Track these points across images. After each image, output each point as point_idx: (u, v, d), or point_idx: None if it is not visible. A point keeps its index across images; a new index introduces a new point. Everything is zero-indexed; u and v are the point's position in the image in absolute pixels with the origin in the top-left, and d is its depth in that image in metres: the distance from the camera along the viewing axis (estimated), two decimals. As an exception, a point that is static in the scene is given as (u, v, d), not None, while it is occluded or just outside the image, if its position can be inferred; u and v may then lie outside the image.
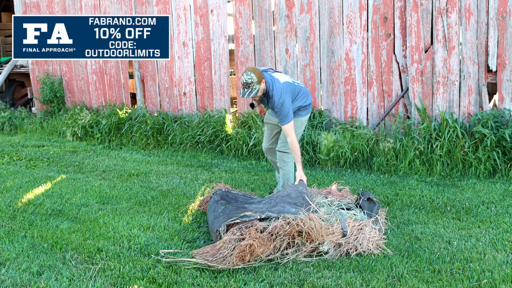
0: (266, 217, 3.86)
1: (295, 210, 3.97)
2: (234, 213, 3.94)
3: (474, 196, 4.93)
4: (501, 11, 5.77)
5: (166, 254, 3.75)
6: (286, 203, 4.18)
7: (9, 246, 3.98)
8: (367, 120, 6.69)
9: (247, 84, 4.50)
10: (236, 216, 3.86)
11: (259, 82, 4.50)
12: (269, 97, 4.65)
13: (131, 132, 7.85)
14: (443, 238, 3.97)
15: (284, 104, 4.57)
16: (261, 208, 4.05)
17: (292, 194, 4.35)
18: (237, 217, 3.85)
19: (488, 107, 6.02)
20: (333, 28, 6.69)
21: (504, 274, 3.33)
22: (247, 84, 4.50)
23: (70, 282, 3.40)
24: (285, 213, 3.90)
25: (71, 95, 9.26)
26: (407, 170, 5.82)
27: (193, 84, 7.87)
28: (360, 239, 3.76)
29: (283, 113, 4.58)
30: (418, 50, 6.21)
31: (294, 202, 4.20)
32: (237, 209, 4.05)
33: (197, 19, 7.63)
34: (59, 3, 8.98)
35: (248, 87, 4.51)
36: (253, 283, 3.33)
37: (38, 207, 4.91)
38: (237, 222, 3.81)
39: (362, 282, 3.31)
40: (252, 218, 3.83)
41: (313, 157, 6.37)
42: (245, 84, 4.51)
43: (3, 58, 11.69)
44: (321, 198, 4.41)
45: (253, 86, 4.49)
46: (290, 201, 4.23)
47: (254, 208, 4.07)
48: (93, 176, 6.07)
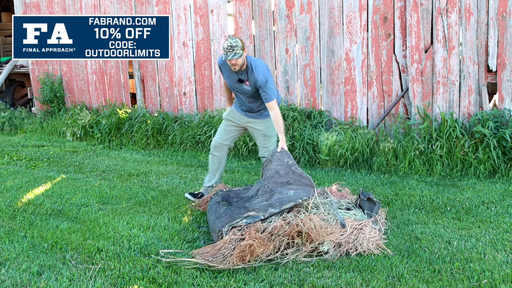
0: (269, 215, 3.87)
1: (293, 193, 3.97)
2: (237, 214, 3.94)
3: (474, 196, 4.93)
4: (501, 11, 5.77)
5: (166, 254, 3.75)
6: (279, 185, 4.17)
7: (9, 246, 3.98)
8: (367, 120, 6.69)
9: (231, 47, 4.33)
10: (240, 217, 3.86)
11: (243, 49, 4.39)
12: (250, 72, 4.51)
13: (131, 132, 7.85)
14: (443, 238, 3.97)
15: (269, 80, 4.47)
16: (261, 203, 4.04)
17: (281, 170, 4.33)
18: (241, 218, 3.85)
19: (488, 107, 6.02)
20: (333, 28, 6.69)
21: (504, 274, 3.33)
22: (231, 47, 4.33)
23: (70, 282, 3.40)
24: (286, 202, 3.90)
25: (71, 95, 9.26)
26: (407, 170, 5.82)
27: (193, 84, 7.87)
28: (360, 239, 3.76)
29: (268, 89, 4.46)
30: (418, 50, 6.21)
31: (286, 180, 4.19)
32: (239, 209, 4.05)
33: (197, 19, 7.63)
34: (59, 3, 8.98)
35: (232, 49, 4.33)
36: (253, 283, 3.33)
37: (38, 207, 4.91)
38: (241, 225, 3.82)
39: (362, 282, 3.31)
40: (256, 219, 3.83)
41: (313, 157, 6.37)
42: (229, 47, 4.33)
43: (3, 58, 11.69)
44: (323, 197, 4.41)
45: (237, 50, 4.35)
46: (282, 180, 4.22)
47: (255, 205, 4.06)
48: (93, 176, 6.07)
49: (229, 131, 4.93)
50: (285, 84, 7.11)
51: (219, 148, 4.94)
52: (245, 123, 4.87)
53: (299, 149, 6.43)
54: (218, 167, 4.98)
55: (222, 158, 4.97)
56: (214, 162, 4.98)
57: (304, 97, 7.01)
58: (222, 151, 4.95)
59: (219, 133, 4.96)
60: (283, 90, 7.13)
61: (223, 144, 4.93)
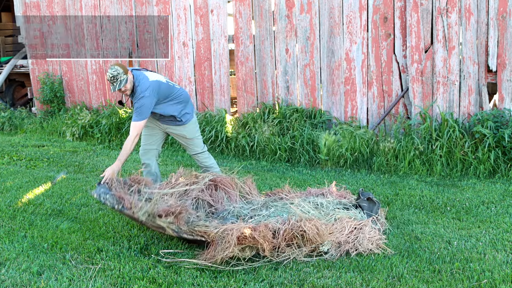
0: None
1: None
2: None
3: (474, 196, 4.93)
4: (501, 11, 5.77)
5: (166, 254, 3.75)
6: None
7: (9, 246, 3.98)
8: (367, 120, 6.69)
9: (114, 77, 4.29)
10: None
11: (126, 73, 4.33)
12: (134, 91, 4.44)
13: (131, 132, 7.84)
14: (443, 238, 3.97)
15: (144, 99, 4.33)
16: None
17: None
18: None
19: (488, 107, 6.02)
20: (333, 28, 6.69)
21: (504, 274, 3.33)
22: (113, 77, 4.29)
23: (70, 282, 3.40)
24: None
25: (71, 95, 9.26)
26: (407, 170, 5.82)
27: (193, 84, 7.87)
28: (360, 239, 3.76)
29: (139, 108, 4.33)
30: (418, 50, 6.21)
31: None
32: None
33: (197, 19, 7.63)
34: (59, 3, 8.98)
35: (116, 79, 4.29)
36: (253, 283, 3.33)
37: (38, 207, 4.91)
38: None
39: (362, 282, 3.31)
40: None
41: (313, 157, 6.37)
42: (112, 78, 4.30)
43: (3, 58, 11.67)
44: (320, 198, 4.41)
45: (120, 77, 4.30)
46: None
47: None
48: (93, 176, 6.07)
49: (153, 134, 4.79)
50: (285, 84, 7.11)
51: (146, 154, 4.79)
52: (165, 129, 4.81)
53: (299, 149, 6.43)
54: (155, 178, 4.77)
55: (154, 165, 4.81)
56: (147, 164, 4.79)
57: (304, 97, 7.01)
58: (151, 156, 4.79)
59: (144, 140, 4.79)
60: (283, 90, 7.13)
61: (147, 150, 4.80)
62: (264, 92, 7.29)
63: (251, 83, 7.37)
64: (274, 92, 7.23)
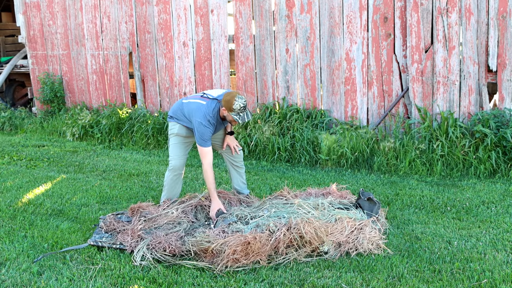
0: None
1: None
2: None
3: (474, 196, 4.92)
4: (501, 11, 5.77)
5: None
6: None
7: (9, 246, 3.98)
8: (367, 120, 6.69)
9: (245, 107, 4.17)
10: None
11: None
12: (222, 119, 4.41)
13: (131, 132, 7.85)
14: (443, 238, 3.96)
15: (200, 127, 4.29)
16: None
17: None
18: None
19: (489, 107, 6.02)
20: (333, 28, 6.69)
21: (504, 274, 3.33)
22: (245, 107, 4.16)
23: (70, 282, 3.40)
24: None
25: (71, 95, 9.26)
26: (407, 170, 5.82)
27: (193, 84, 7.87)
28: (360, 239, 3.76)
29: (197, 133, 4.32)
30: (418, 50, 6.20)
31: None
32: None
33: (197, 19, 7.63)
34: (59, 3, 8.98)
35: (245, 108, 4.17)
36: (253, 283, 3.33)
37: (38, 207, 4.91)
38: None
39: (362, 282, 3.31)
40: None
41: (313, 157, 6.37)
42: (243, 107, 4.15)
43: (3, 58, 11.68)
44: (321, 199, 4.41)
45: (247, 108, 4.26)
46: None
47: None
48: (93, 176, 6.07)
49: (189, 145, 4.69)
50: (285, 84, 7.11)
51: (182, 166, 4.68)
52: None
53: (299, 149, 6.43)
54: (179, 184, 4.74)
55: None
56: (179, 180, 4.71)
57: (304, 97, 7.01)
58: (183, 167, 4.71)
59: (181, 156, 4.61)
60: (283, 90, 7.13)
61: (185, 160, 4.71)
62: (264, 92, 7.30)
63: (251, 83, 7.38)
64: (274, 92, 7.23)
